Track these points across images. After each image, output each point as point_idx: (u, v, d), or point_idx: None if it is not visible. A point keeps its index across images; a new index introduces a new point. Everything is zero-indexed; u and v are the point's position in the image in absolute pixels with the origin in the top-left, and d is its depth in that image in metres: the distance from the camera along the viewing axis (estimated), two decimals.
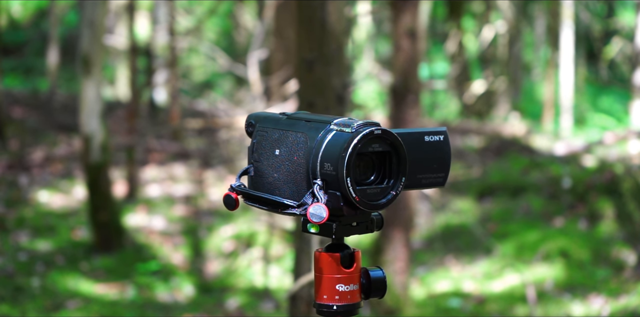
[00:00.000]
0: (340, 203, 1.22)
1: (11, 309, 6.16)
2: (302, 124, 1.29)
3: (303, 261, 3.44)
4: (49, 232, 7.95)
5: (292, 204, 1.26)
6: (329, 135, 1.25)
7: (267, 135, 1.33)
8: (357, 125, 1.23)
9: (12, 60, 16.18)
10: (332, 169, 1.22)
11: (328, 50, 3.33)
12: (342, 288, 1.26)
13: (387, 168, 1.27)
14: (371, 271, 1.30)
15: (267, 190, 1.32)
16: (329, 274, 1.27)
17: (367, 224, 1.29)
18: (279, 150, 1.30)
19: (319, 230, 1.27)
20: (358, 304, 1.28)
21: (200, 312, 6.48)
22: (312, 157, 1.24)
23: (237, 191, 1.34)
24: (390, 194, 1.27)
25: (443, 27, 17.02)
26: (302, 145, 1.26)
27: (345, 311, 1.27)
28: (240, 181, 1.35)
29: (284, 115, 1.35)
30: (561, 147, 11.30)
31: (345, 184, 1.21)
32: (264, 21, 8.92)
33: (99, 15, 7.43)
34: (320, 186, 1.23)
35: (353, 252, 1.28)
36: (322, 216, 1.20)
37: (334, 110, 3.33)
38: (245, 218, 8.20)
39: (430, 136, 1.35)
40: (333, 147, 1.23)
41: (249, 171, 1.36)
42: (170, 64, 12.29)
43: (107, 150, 7.56)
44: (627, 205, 7.59)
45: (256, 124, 1.37)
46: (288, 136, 1.30)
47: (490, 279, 7.11)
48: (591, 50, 17.24)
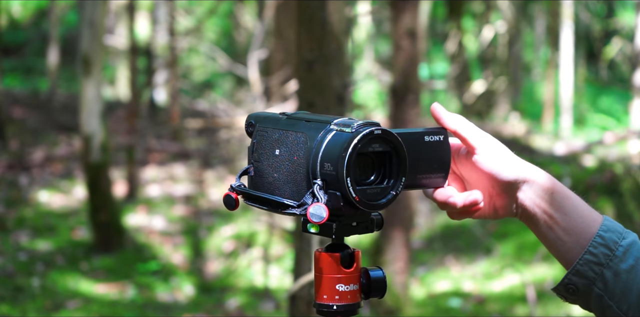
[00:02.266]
0: (340, 203, 1.22)
1: (11, 309, 6.16)
2: (302, 124, 1.29)
3: (303, 261, 3.44)
4: (49, 232, 7.95)
5: (292, 204, 1.26)
6: (329, 135, 1.25)
7: (267, 135, 1.33)
8: (357, 125, 1.23)
9: (12, 60, 16.18)
10: (332, 169, 1.22)
11: (328, 50, 3.33)
12: (342, 288, 1.26)
13: (387, 168, 1.27)
14: (371, 271, 1.30)
15: (267, 190, 1.32)
16: (329, 274, 1.27)
17: (367, 224, 1.29)
18: (279, 150, 1.30)
19: (319, 230, 1.27)
20: (358, 304, 1.28)
21: (200, 312, 6.48)
22: (312, 157, 1.24)
23: (237, 191, 1.34)
24: (390, 194, 1.27)
25: (443, 27, 17.02)
26: (302, 146, 1.26)
27: (345, 311, 1.27)
28: (240, 180, 1.35)
29: (284, 115, 1.35)
30: (561, 147, 11.30)
31: (345, 184, 1.21)
32: (264, 21, 8.92)
33: (99, 15, 7.43)
34: (320, 186, 1.23)
35: (353, 252, 1.28)
36: (322, 216, 1.20)
37: (334, 110, 3.33)
38: (245, 218, 8.20)
39: (431, 136, 1.36)
40: (333, 147, 1.23)
41: (249, 170, 1.36)
42: (170, 64, 12.29)
43: (107, 151, 7.56)
44: (627, 205, 7.60)
45: (256, 124, 1.37)
46: (288, 136, 1.30)
47: (490, 279, 7.11)
48: (591, 50, 17.25)
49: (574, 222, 1.32)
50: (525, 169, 1.35)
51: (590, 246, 1.30)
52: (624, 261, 1.29)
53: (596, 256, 1.29)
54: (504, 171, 1.34)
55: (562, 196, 1.34)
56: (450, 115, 1.37)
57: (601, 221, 1.32)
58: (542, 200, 1.33)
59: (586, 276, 1.30)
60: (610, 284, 1.29)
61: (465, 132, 1.35)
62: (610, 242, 1.30)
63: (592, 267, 1.29)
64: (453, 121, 1.36)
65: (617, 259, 1.29)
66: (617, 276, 1.29)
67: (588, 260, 1.29)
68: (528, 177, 1.34)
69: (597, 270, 1.29)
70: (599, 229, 1.31)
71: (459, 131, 1.35)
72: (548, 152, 11.01)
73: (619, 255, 1.29)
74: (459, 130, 1.35)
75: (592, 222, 1.32)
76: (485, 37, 14.69)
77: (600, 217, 1.33)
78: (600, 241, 1.30)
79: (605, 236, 1.30)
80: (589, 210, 1.34)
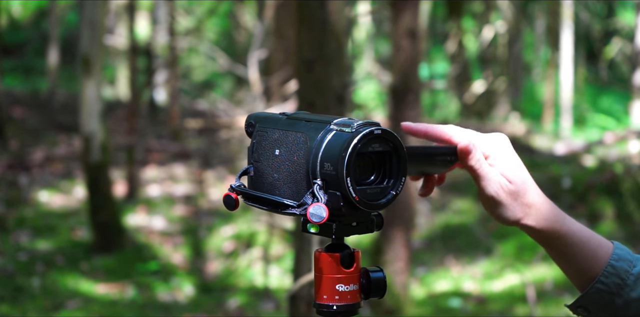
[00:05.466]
0: (340, 203, 1.22)
1: (11, 309, 6.16)
2: (302, 124, 1.29)
3: (303, 261, 3.44)
4: (49, 232, 7.95)
5: (292, 204, 1.25)
6: (328, 135, 1.24)
7: (267, 135, 1.33)
8: (357, 125, 1.23)
9: (12, 60, 16.18)
10: (332, 169, 1.22)
11: (328, 50, 3.33)
12: (342, 288, 1.26)
13: (387, 168, 1.27)
14: (371, 271, 1.29)
15: (267, 190, 1.32)
16: (328, 274, 1.26)
17: (367, 224, 1.29)
18: (279, 150, 1.30)
19: (318, 230, 1.27)
20: (358, 304, 1.28)
21: (200, 312, 6.48)
22: (312, 157, 1.24)
23: (237, 191, 1.34)
24: (390, 194, 1.27)
25: (443, 27, 17.03)
26: (302, 146, 1.26)
27: (345, 311, 1.27)
28: (240, 181, 1.35)
29: (284, 115, 1.34)
30: (561, 147, 11.31)
31: (345, 184, 1.21)
32: (264, 21, 8.93)
33: (99, 15, 7.43)
34: (320, 186, 1.23)
35: (353, 252, 1.28)
36: (322, 216, 1.20)
37: (334, 110, 3.33)
38: (245, 218, 8.20)
39: (442, 157, 1.35)
40: (333, 147, 1.23)
41: (248, 171, 1.35)
42: (170, 64, 12.29)
43: (107, 150, 7.56)
44: (627, 205, 7.60)
45: (256, 124, 1.37)
46: (288, 136, 1.29)
47: (490, 279, 7.11)
48: (591, 50, 17.24)
49: (578, 264, 1.33)
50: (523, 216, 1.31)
51: (602, 276, 1.31)
52: (634, 290, 1.31)
53: (607, 285, 1.31)
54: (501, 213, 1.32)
55: (565, 243, 1.32)
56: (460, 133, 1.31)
57: (611, 250, 1.33)
58: (543, 243, 1.34)
59: (597, 302, 1.32)
60: (621, 312, 1.32)
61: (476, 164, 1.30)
62: (622, 271, 1.31)
63: (603, 295, 1.31)
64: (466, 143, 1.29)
65: (628, 288, 1.31)
66: (628, 304, 1.31)
67: (599, 289, 1.31)
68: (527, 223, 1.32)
69: (608, 298, 1.31)
70: (610, 258, 1.32)
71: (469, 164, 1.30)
72: (548, 152, 11.01)
73: (630, 284, 1.31)
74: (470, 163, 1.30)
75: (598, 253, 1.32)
76: (485, 37, 14.69)
77: (610, 245, 1.34)
78: (611, 271, 1.31)
79: (617, 265, 1.31)
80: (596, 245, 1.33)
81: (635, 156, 9.22)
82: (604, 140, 10.50)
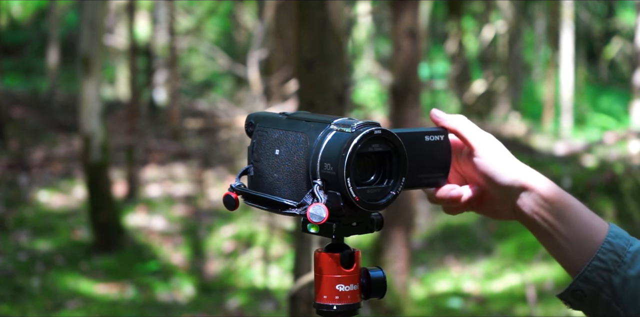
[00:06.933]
0: (340, 203, 1.22)
1: (11, 309, 6.16)
2: (302, 124, 1.29)
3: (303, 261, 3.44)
4: (49, 232, 7.95)
5: (292, 204, 1.25)
6: (329, 136, 1.24)
7: (267, 135, 1.33)
8: (357, 125, 1.23)
9: (12, 60, 16.18)
10: (332, 169, 1.22)
11: (328, 50, 3.33)
12: (342, 288, 1.26)
13: (387, 168, 1.27)
14: (371, 271, 1.29)
15: (267, 190, 1.31)
16: (328, 274, 1.26)
17: (367, 224, 1.29)
18: (279, 150, 1.30)
19: (318, 230, 1.26)
20: (358, 304, 1.28)
21: (200, 312, 6.48)
22: (312, 157, 1.24)
23: (237, 191, 1.34)
24: (390, 194, 1.27)
25: (443, 27, 17.02)
26: (302, 146, 1.26)
27: (345, 311, 1.26)
28: (240, 181, 1.35)
29: (284, 115, 1.34)
30: (561, 147, 11.31)
31: (345, 184, 1.21)
32: (264, 21, 8.93)
33: (99, 15, 7.43)
34: (320, 186, 1.22)
35: (353, 252, 1.28)
36: (322, 216, 1.20)
37: (334, 110, 3.33)
38: (245, 218, 8.20)
39: (431, 136, 1.35)
40: (333, 147, 1.22)
41: (248, 170, 1.35)
42: (170, 64, 12.29)
43: (107, 150, 7.56)
44: (627, 205, 7.60)
45: (256, 124, 1.37)
46: (288, 136, 1.29)
47: (491, 279, 7.11)
48: (591, 50, 17.25)
49: (576, 231, 1.31)
50: (523, 175, 1.32)
51: (599, 252, 1.29)
52: (632, 267, 1.28)
53: (605, 262, 1.29)
54: (500, 175, 1.32)
55: (563, 204, 1.31)
56: (450, 115, 1.36)
57: (608, 228, 1.31)
58: (541, 208, 1.31)
59: (594, 282, 1.29)
60: (619, 290, 1.28)
61: (466, 132, 1.35)
62: (619, 248, 1.29)
63: (600, 273, 1.29)
64: (453, 121, 1.36)
65: (626, 265, 1.28)
66: (626, 282, 1.28)
67: (596, 266, 1.29)
68: (526, 183, 1.32)
69: (606, 276, 1.28)
70: (606, 235, 1.30)
71: (459, 131, 1.35)
72: (548, 152, 11.01)
73: (627, 261, 1.28)
74: (459, 130, 1.35)
75: (596, 231, 1.30)
76: (486, 37, 14.69)
77: (606, 224, 1.32)
78: (608, 247, 1.29)
79: (614, 242, 1.29)
80: (592, 218, 1.32)
81: (635, 156, 9.22)
82: (604, 140, 10.50)
